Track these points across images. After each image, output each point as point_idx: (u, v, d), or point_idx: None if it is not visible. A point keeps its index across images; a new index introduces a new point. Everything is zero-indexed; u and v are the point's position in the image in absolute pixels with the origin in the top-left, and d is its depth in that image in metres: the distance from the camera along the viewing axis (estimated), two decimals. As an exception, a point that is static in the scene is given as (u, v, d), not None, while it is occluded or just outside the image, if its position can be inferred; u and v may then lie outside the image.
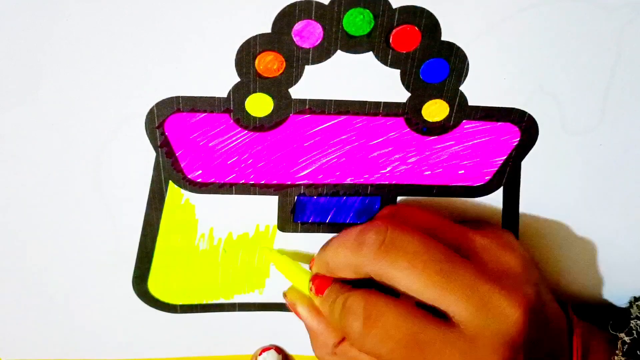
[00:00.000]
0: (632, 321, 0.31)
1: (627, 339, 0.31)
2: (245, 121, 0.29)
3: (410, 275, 0.27)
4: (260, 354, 0.38)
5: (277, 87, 0.28)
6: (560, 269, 0.35)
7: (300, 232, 0.33)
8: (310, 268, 0.32)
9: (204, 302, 0.36)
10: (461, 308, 0.27)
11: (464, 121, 0.29)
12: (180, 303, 0.36)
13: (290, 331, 0.37)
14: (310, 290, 0.31)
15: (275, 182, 0.31)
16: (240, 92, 0.28)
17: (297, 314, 0.32)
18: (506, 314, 0.27)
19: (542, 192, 0.32)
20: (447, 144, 0.30)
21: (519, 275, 0.29)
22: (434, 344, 0.27)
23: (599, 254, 0.34)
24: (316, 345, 0.32)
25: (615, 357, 0.30)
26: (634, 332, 0.31)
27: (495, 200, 0.32)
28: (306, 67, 0.27)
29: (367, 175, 0.31)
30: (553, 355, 0.30)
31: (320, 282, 0.30)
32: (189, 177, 0.30)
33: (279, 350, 0.38)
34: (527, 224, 0.33)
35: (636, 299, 0.34)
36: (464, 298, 0.27)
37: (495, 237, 0.30)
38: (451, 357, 0.27)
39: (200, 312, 0.36)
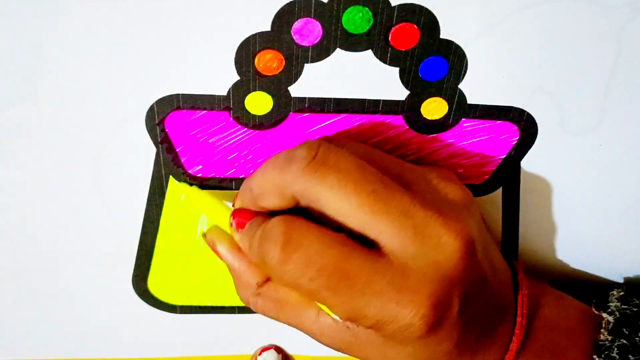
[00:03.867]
0: (611, 304, 0.30)
1: (610, 318, 0.30)
2: (245, 119, 0.29)
3: (339, 195, 0.24)
4: (260, 354, 0.38)
5: (277, 86, 0.28)
6: (560, 267, 0.35)
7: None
8: (234, 205, 0.29)
9: (204, 304, 0.36)
10: (393, 235, 0.24)
11: (463, 119, 0.29)
12: (180, 304, 0.36)
13: (290, 331, 0.37)
14: (231, 226, 0.28)
15: (275, 180, 0.31)
16: (239, 91, 0.28)
17: (218, 254, 0.29)
18: (443, 244, 0.24)
19: (541, 192, 0.32)
20: (446, 142, 0.30)
21: (460, 206, 0.26)
22: (360, 274, 0.24)
23: (598, 254, 0.34)
24: (239, 287, 0.29)
25: (601, 336, 0.29)
26: (616, 312, 0.30)
27: (494, 199, 0.32)
28: (305, 65, 0.27)
29: (366, 174, 0.31)
30: (496, 305, 0.28)
31: (241, 216, 0.27)
32: (189, 172, 0.31)
33: (279, 350, 0.38)
34: (527, 223, 0.33)
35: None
36: (396, 224, 0.24)
37: (436, 170, 0.28)
38: (379, 289, 0.24)
39: (200, 313, 0.36)
